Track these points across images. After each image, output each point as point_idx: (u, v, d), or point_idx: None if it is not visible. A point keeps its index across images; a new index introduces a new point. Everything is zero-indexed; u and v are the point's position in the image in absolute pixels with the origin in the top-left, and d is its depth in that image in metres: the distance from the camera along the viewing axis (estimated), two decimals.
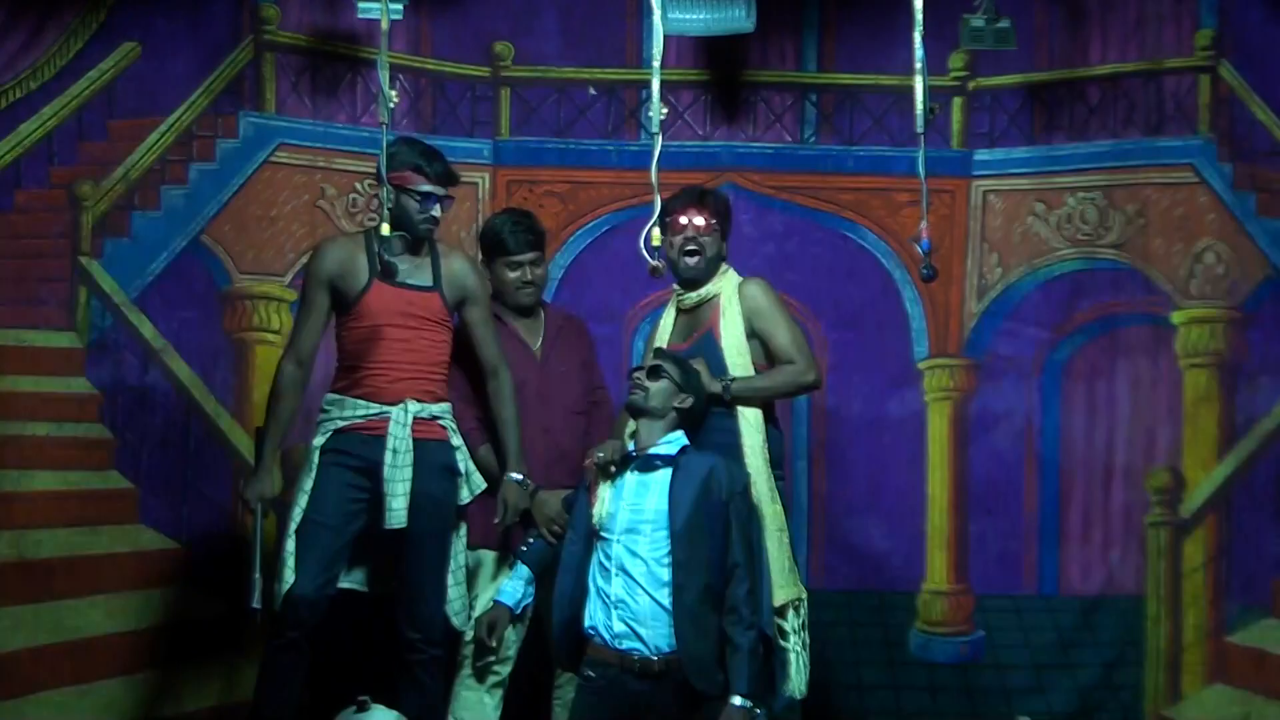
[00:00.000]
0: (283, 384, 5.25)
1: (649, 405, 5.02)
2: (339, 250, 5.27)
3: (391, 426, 5.18)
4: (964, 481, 6.85)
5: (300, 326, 5.27)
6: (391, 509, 5.15)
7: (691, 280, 5.39)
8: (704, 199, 5.42)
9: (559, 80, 6.90)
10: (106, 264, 6.31)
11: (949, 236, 6.88)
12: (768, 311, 5.38)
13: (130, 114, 6.32)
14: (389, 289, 5.22)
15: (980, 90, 6.93)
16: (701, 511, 4.87)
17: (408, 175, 5.23)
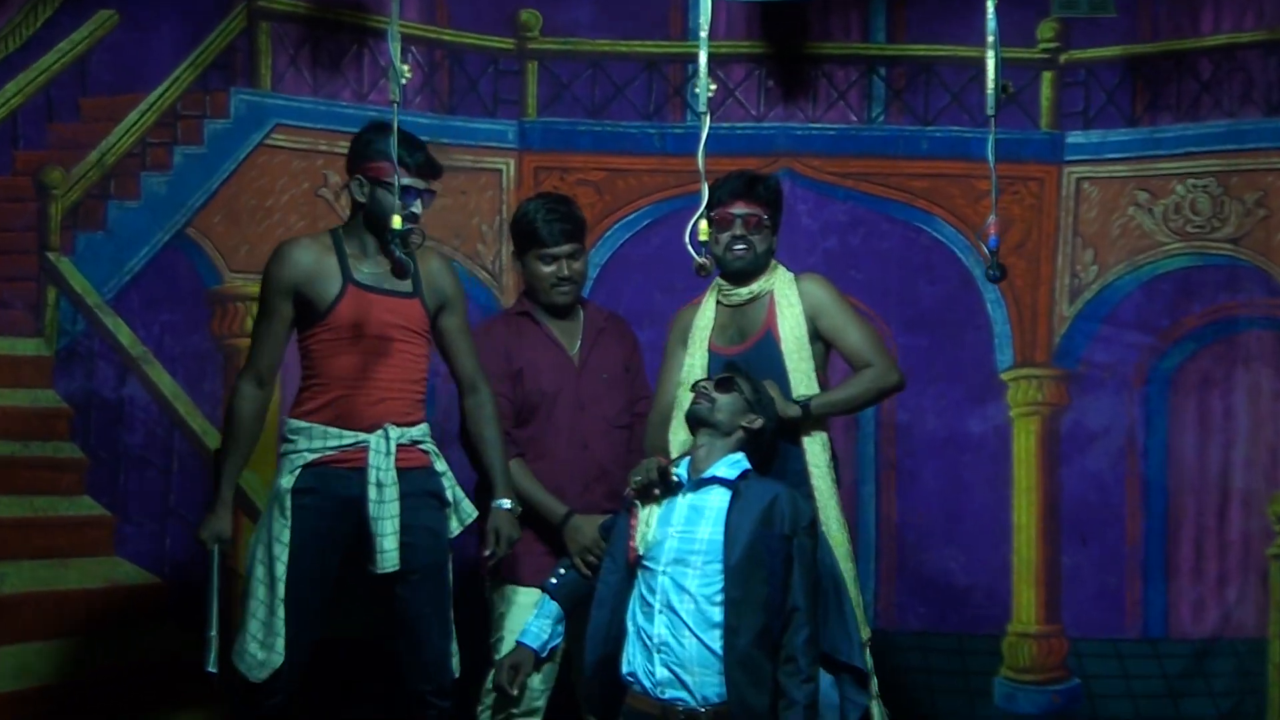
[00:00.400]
0: (242, 407, 5.16)
1: (714, 418, 5.05)
2: (304, 252, 5.18)
3: (372, 457, 5.12)
4: (1055, 507, 6.82)
5: (260, 340, 5.18)
6: (384, 550, 5.09)
7: (739, 275, 5.39)
8: (753, 188, 5.41)
9: (593, 53, 6.90)
10: (78, 261, 6.29)
11: (1037, 229, 6.87)
12: (834, 309, 5.39)
13: (106, 90, 6.32)
14: (366, 296, 5.17)
15: (1073, 64, 6.91)
16: (761, 545, 4.89)
17: (384, 166, 5.12)
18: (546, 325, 5.62)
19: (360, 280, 5.16)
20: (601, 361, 5.64)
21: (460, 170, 6.72)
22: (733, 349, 5.40)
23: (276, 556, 5.08)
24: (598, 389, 5.60)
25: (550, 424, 5.54)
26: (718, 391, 5.07)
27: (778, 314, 5.38)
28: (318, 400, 5.16)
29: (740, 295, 5.43)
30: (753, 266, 5.40)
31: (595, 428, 5.58)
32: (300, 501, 5.11)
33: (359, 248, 5.16)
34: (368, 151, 5.16)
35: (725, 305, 5.46)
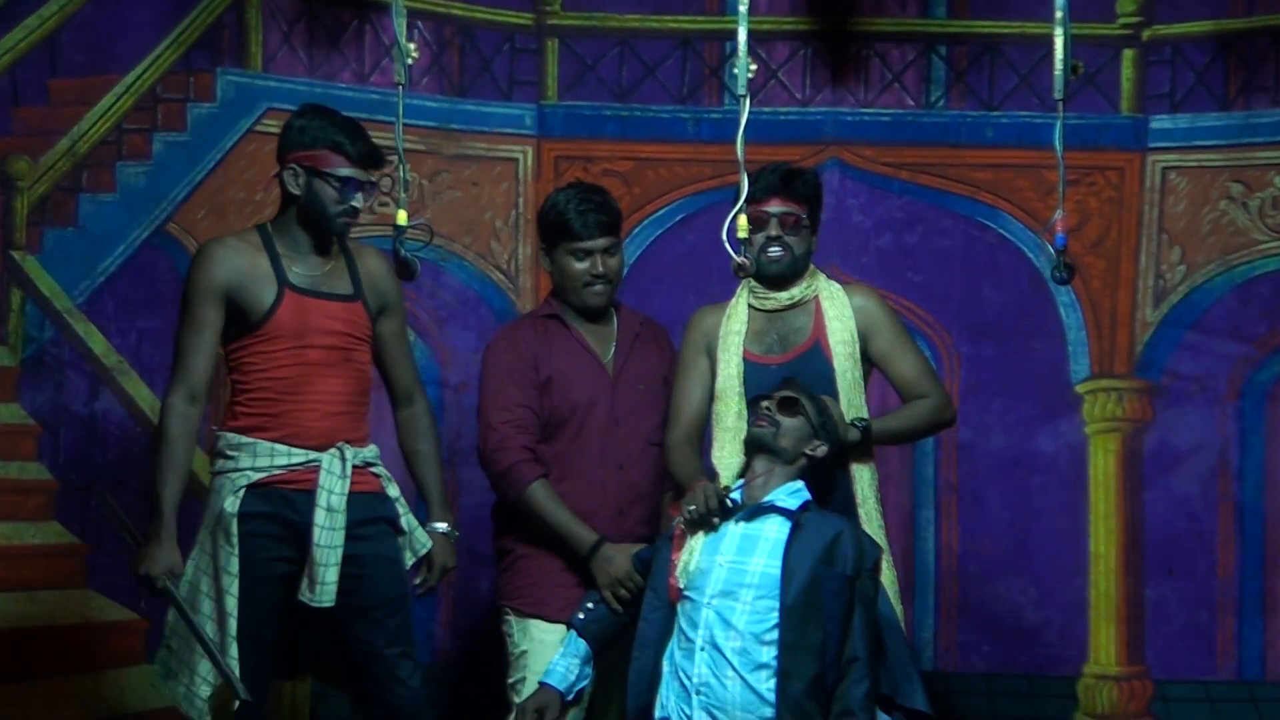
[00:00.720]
0: (174, 426, 5.07)
1: (778, 444, 5.05)
2: (233, 254, 5.13)
3: (324, 479, 5.08)
4: (1137, 535, 6.80)
5: (190, 352, 5.10)
6: (324, 582, 5.06)
7: (775, 280, 5.38)
8: (790, 183, 5.37)
9: (620, 30, 6.89)
10: (46, 261, 6.26)
11: (1117, 225, 6.85)
12: (890, 330, 5.40)
13: (77, 71, 6.31)
14: (306, 301, 5.13)
15: (1158, 40, 6.90)
16: (821, 585, 4.88)
17: (323, 155, 5.10)
18: (577, 329, 5.60)
19: (296, 283, 5.12)
20: (639, 371, 5.61)
21: (472, 159, 6.73)
22: (773, 359, 5.37)
23: (225, 589, 5.01)
24: (634, 401, 5.58)
25: (581, 440, 5.51)
26: (782, 414, 5.05)
27: (827, 325, 5.36)
28: (259, 413, 5.13)
29: (779, 299, 5.40)
30: (790, 271, 5.37)
31: (631, 445, 5.55)
32: (248, 527, 5.06)
33: (291, 246, 5.13)
34: (304, 137, 5.11)
35: (759, 310, 5.42)
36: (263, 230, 5.18)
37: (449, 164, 6.73)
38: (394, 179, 5.96)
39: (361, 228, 6.41)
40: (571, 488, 5.46)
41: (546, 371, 5.49)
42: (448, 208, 6.65)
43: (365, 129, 5.17)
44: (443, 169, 6.73)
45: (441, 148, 6.72)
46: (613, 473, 5.50)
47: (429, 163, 6.69)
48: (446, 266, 6.70)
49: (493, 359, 5.52)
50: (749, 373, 5.34)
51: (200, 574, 5.06)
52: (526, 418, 5.46)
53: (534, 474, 5.41)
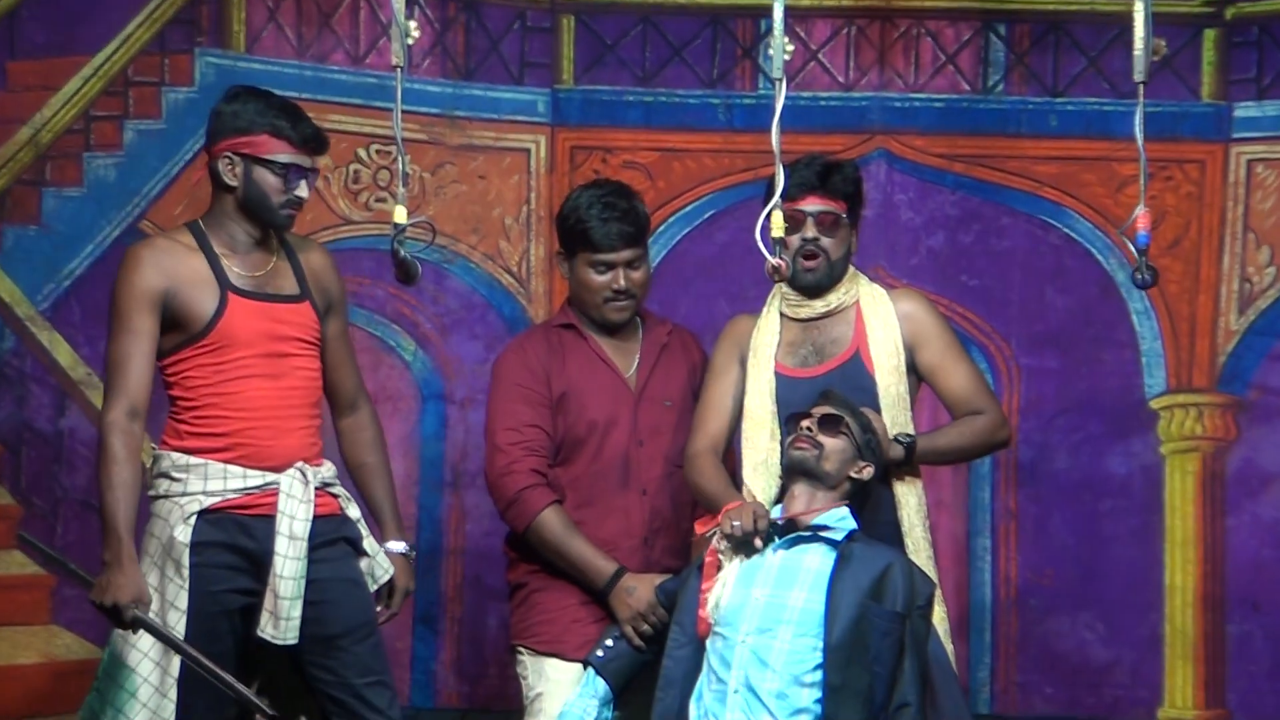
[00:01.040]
0: (118, 444, 5.02)
1: (821, 469, 5.04)
2: (167, 255, 5.10)
3: (284, 503, 5.06)
4: (1219, 565, 6.79)
5: (125, 364, 5.06)
6: (288, 618, 5.06)
7: (811, 288, 5.39)
8: (827, 179, 5.36)
9: (643, 6, 6.91)
10: (6, 262, 6.28)
11: (1197, 223, 6.85)
12: (940, 340, 5.38)
13: (39, 52, 6.36)
14: (250, 304, 5.12)
15: (1243, 19, 6.90)
16: (869, 623, 4.86)
17: (262, 140, 5.08)
18: (596, 340, 5.59)
19: (240, 286, 5.11)
20: (664, 386, 5.60)
21: (479, 150, 6.75)
22: (807, 372, 5.35)
23: (172, 626, 4.98)
24: (659, 420, 5.57)
25: (600, 463, 5.50)
26: (824, 434, 5.01)
27: (869, 334, 5.35)
28: (206, 431, 5.11)
29: (814, 308, 5.39)
30: (827, 279, 5.37)
31: (656, 468, 5.54)
32: (200, 558, 5.03)
33: (228, 244, 5.11)
34: (238, 122, 5.08)
35: (793, 319, 5.42)
36: (194, 228, 5.16)
37: (453, 155, 6.72)
38: (393, 172, 6.08)
39: (356, 226, 6.59)
40: (590, 515, 5.46)
41: (560, 387, 5.48)
42: (452, 203, 6.63)
43: (305, 111, 5.20)
44: (446, 161, 6.72)
45: (445, 137, 6.71)
46: (635, 498, 5.50)
47: (431, 154, 6.68)
48: (451, 269, 6.69)
49: (501, 374, 5.50)
50: (781, 388, 5.32)
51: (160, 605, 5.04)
52: (537, 439, 5.45)
53: (545, 500, 5.41)
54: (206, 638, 4.99)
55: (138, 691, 4.97)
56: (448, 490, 6.64)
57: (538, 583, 5.45)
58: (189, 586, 4.97)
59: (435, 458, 6.71)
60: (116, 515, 4.97)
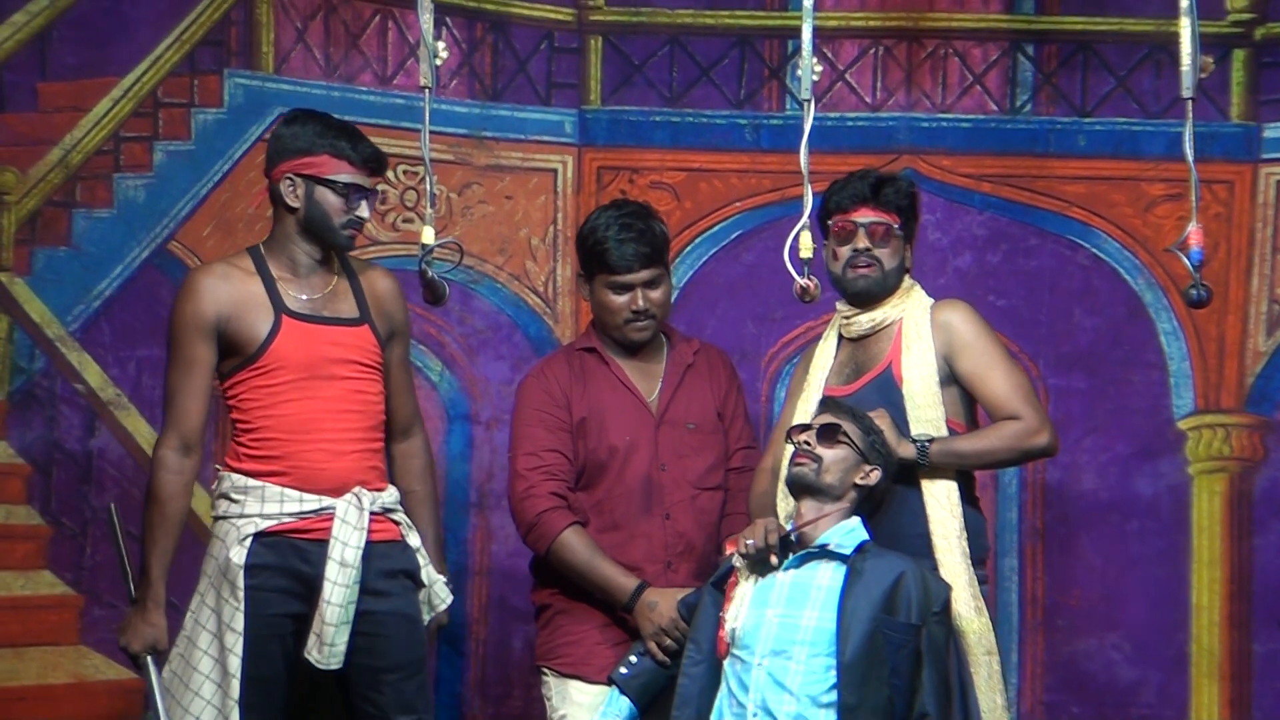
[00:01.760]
0: (166, 481, 5.13)
1: (823, 482, 5.00)
2: (223, 281, 5.18)
3: (338, 528, 5.10)
4: (1245, 585, 6.76)
5: (179, 397, 5.15)
6: (334, 644, 5.08)
7: (863, 297, 5.38)
8: (880, 191, 5.36)
9: (671, 26, 6.90)
10: (36, 283, 6.29)
11: (1225, 244, 6.80)
12: (977, 345, 5.32)
13: (71, 74, 6.33)
14: (305, 327, 5.17)
15: (1272, 40, 6.88)
16: (882, 637, 4.84)
17: (323, 161, 5.14)
18: (618, 364, 5.61)
19: (294, 309, 5.16)
20: (687, 408, 5.61)
21: (506, 170, 6.75)
22: (842, 389, 5.37)
23: (229, 648, 5.02)
24: (682, 444, 5.58)
25: (622, 487, 5.51)
26: (823, 446, 5.00)
27: (903, 349, 5.33)
28: (263, 455, 5.15)
29: (860, 325, 5.39)
30: (880, 287, 5.35)
31: (678, 492, 5.56)
32: (255, 580, 5.07)
33: (288, 267, 5.17)
34: (299, 143, 5.13)
35: (846, 338, 5.44)
36: (254, 253, 5.20)
37: (480, 175, 6.73)
38: (420, 192, 6.07)
39: (384, 247, 6.63)
40: (614, 540, 5.47)
41: (581, 412, 5.52)
42: (479, 224, 6.63)
43: (364, 133, 5.22)
44: (474, 181, 6.73)
45: (472, 158, 6.71)
46: (658, 522, 5.51)
47: (459, 174, 6.69)
48: (477, 289, 6.71)
49: (523, 399, 5.54)
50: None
51: (200, 628, 5.08)
52: (557, 463, 5.48)
53: (564, 522, 5.42)
54: (258, 660, 5.02)
55: (201, 715, 5.02)
56: (473, 511, 6.64)
57: (562, 604, 5.48)
58: (244, 609, 5.00)
59: (461, 478, 6.72)
60: (152, 556, 5.07)
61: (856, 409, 5.12)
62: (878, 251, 5.31)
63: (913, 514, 5.21)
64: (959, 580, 5.14)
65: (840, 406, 5.12)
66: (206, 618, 5.07)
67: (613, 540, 5.44)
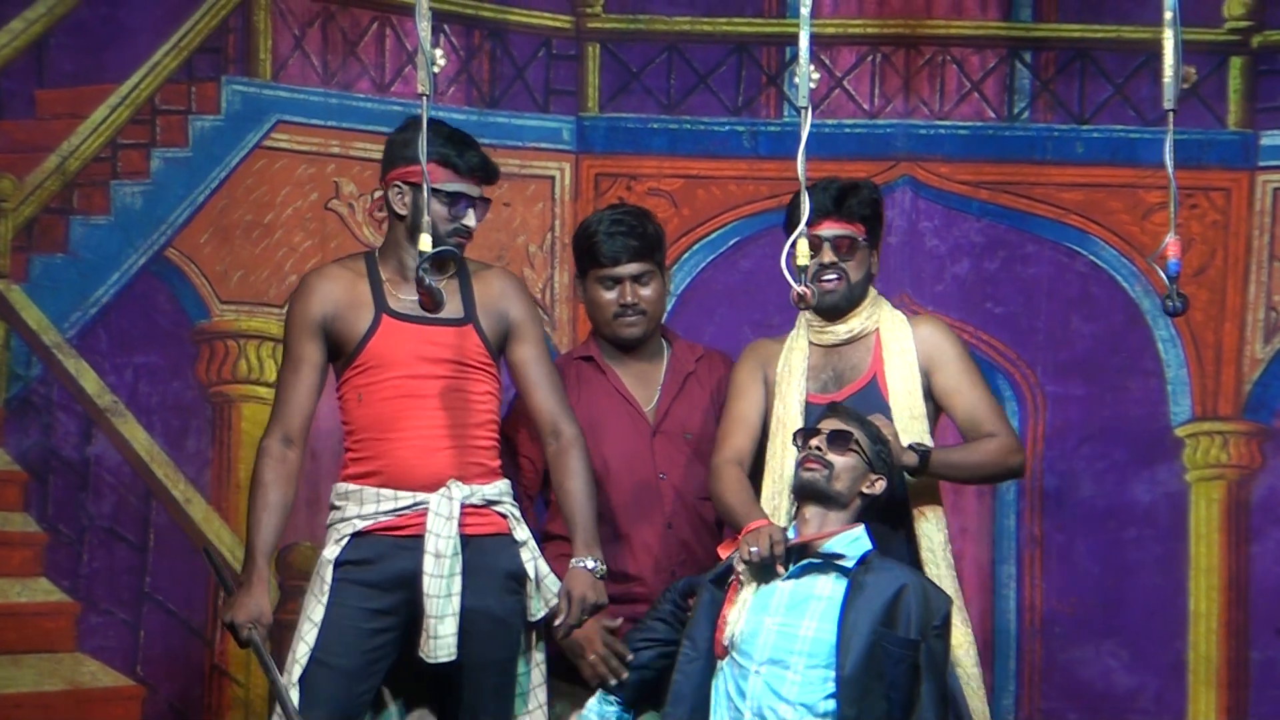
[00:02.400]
0: (267, 470, 5.21)
1: (833, 489, 5.01)
2: (332, 282, 5.27)
3: (431, 521, 5.12)
4: (1243, 592, 6.77)
5: (285, 390, 5.25)
6: (438, 636, 5.09)
7: (832, 310, 5.40)
8: (843, 202, 5.39)
9: (669, 34, 6.89)
10: (33, 290, 6.27)
11: (1223, 251, 6.82)
12: (956, 364, 5.37)
13: (68, 81, 6.31)
14: (404, 326, 5.21)
15: (1270, 47, 6.88)
16: (884, 650, 4.84)
17: (431, 169, 5.09)
18: (615, 372, 5.62)
19: (396, 310, 5.21)
20: (685, 416, 5.62)
21: (504, 177, 6.44)
22: (825, 398, 5.37)
23: (303, 636, 5.12)
24: (679, 452, 5.59)
25: (621, 497, 5.54)
26: (834, 452, 4.99)
27: (885, 360, 5.35)
28: (364, 457, 5.23)
29: (836, 334, 5.40)
30: (847, 300, 5.39)
31: (679, 501, 5.57)
32: (345, 574, 5.14)
33: (397, 270, 5.22)
34: (408, 151, 5.12)
35: (818, 345, 5.44)
36: (369, 257, 5.30)
37: None
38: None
39: None
40: (615, 550, 5.47)
41: None
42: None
43: (475, 140, 5.26)
44: None
45: None
46: (659, 531, 5.52)
47: None
48: None
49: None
50: (809, 414, 5.33)
51: (301, 623, 5.15)
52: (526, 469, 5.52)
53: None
54: (333, 650, 5.09)
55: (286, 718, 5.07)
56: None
57: None
58: (326, 600, 5.08)
59: None
60: (256, 536, 5.14)
61: (864, 416, 5.12)
62: (844, 264, 5.34)
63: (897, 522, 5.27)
64: (949, 590, 5.19)
65: (850, 413, 5.13)
66: (301, 616, 5.15)
67: (614, 550, 5.45)
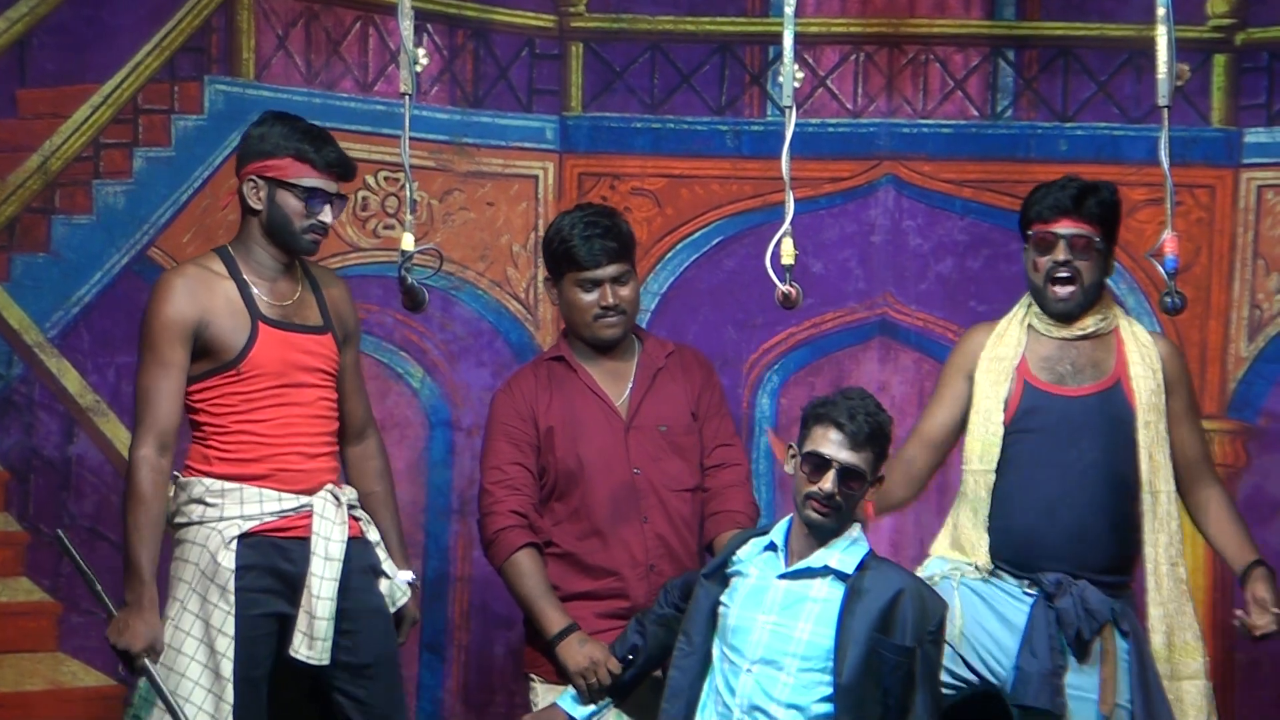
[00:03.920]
0: (146, 481, 5.08)
1: (840, 527, 4.93)
2: (199, 285, 5.16)
3: (319, 524, 5.12)
4: (1229, 592, 6.71)
5: (155, 396, 5.12)
6: (322, 638, 5.10)
7: (1064, 315, 5.40)
8: (1082, 202, 5.36)
9: (652, 33, 6.89)
10: (15, 290, 6.27)
11: (1207, 249, 6.82)
12: (1191, 396, 5.45)
13: (49, 80, 6.32)
14: (282, 335, 5.17)
15: (1253, 45, 6.87)
16: (879, 657, 4.83)
17: (286, 164, 5.12)
18: (586, 370, 5.61)
19: (269, 316, 5.17)
20: (657, 410, 5.59)
21: (487, 177, 6.75)
22: (1064, 390, 5.35)
23: (221, 652, 5.03)
24: (654, 447, 5.57)
25: (596, 494, 5.52)
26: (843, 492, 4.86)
27: (1130, 366, 5.37)
28: (239, 458, 5.16)
29: (1073, 331, 5.39)
30: (1080, 305, 5.38)
31: (654, 495, 5.55)
32: (243, 582, 5.07)
33: (256, 271, 5.16)
34: (264, 145, 5.11)
35: (1046, 335, 5.42)
36: (224, 254, 5.19)
37: (461, 182, 6.73)
38: (401, 199, 6.05)
39: (364, 254, 6.55)
40: (592, 546, 5.48)
41: (548, 423, 5.53)
42: (460, 230, 6.63)
43: (333, 137, 5.20)
44: (454, 187, 6.72)
45: (453, 164, 6.71)
46: (636, 527, 5.50)
47: (439, 180, 6.68)
48: (458, 296, 6.70)
49: (491, 415, 5.58)
50: (1032, 399, 5.31)
51: (183, 635, 5.04)
52: (520, 477, 5.49)
53: (520, 541, 5.44)
54: (248, 663, 5.04)
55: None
56: (454, 517, 6.63)
57: None
58: (235, 611, 5.02)
59: (443, 484, 6.71)
60: (140, 556, 5.01)
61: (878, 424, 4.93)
62: (1078, 264, 5.33)
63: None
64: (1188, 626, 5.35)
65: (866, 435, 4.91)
66: (190, 623, 5.05)
67: (591, 547, 5.46)
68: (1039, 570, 5.21)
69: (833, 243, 6.71)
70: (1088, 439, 5.27)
